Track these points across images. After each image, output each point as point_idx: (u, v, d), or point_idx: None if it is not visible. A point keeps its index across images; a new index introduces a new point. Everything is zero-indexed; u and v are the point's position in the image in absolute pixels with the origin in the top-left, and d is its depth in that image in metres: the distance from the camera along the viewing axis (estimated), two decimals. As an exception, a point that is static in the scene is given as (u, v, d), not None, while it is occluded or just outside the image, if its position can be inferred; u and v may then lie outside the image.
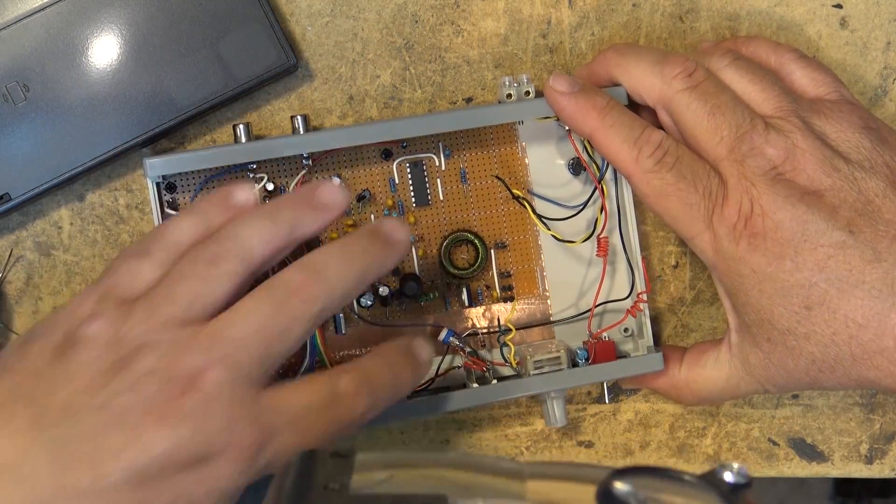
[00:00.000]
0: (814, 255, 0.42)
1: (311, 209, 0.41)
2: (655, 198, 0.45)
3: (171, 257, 0.41)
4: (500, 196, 0.50)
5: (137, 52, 0.47)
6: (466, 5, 0.51)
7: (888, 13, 0.52)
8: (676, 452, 0.53)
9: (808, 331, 0.43)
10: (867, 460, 0.54)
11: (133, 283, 0.40)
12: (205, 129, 0.50)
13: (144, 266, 0.41)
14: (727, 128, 0.44)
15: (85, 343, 0.38)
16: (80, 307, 0.40)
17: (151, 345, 0.38)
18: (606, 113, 0.46)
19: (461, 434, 0.52)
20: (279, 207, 0.41)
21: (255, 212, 0.41)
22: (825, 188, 0.43)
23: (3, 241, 0.49)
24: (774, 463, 0.54)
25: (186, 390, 0.37)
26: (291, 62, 0.48)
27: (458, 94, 0.51)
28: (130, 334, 0.38)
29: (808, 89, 0.47)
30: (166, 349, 0.38)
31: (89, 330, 0.39)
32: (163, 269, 0.40)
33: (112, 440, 0.37)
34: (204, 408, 0.37)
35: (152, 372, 0.37)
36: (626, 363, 0.49)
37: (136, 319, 0.39)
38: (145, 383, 0.37)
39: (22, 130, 0.47)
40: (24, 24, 0.47)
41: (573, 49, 0.51)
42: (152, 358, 0.38)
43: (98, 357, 0.38)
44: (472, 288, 0.50)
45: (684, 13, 0.52)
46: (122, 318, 0.39)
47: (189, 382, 0.37)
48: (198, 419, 0.37)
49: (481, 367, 0.49)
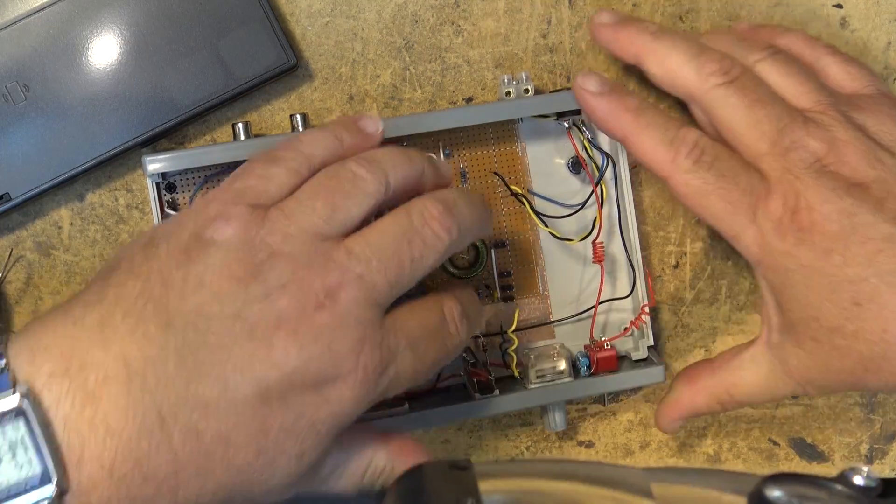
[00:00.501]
0: (863, 249, 0.41)
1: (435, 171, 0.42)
2: (696, 198, 0.44)
3: (305, 167, 0.40)
4: (500, 195, 0.50)
5: (137, 52, 0.47)
6: (466, 5, 0.51)
7: (888, 13, 0.52)
8: (676, 452, 0.53)
9: (857, 328, 0.41)
10: (867, 460, 0.54)
11: (267, 187, 0.39)
12: (205, 129, 0.50)
13: (279, 172, 0.39)
14: (767, 122, 0.43)
15: (218, 246, 0.37)
16: (209, 206, 0.38)
17: (287, 254, 0.37)
18: (640, 114, 0.45)
19: (461, 434, 0.52)
20: (412, 153, 0.42)
21: (392, 148, 0.41)
22: (870, 180, 0.42)
23: (3, 241, 0.49)
24: (774, 463, 0.54)
25: (320, 306, 0.36)
26: (291, 62, 0.48)
27: (458, 94, 0.51)
28: (266, 240, 0.37)
29: (845, 84, 0.47)
30: (303, 261, 0.37)
31: (222, 232, 0.37)
32: (297, 177, 0.39)
33: (243, 352, 0.36)
34: (336, 326, 0.37)
35: (287, 283, 0.36)
36: (627, 375, 0.49)
37: (272, 226, 0.37)
38: (279, 295, 0.36)
39: (22, 130, 0.47)
40: (24, 24, 0.47)
41: (573, 49, 0.51)
42: (288, 269, 0.37)
43: (231, 261, 0.36)
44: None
45: (684, 13, 0.52)
46: (256, 221, 0.37)
47: (324, 298, 0.37)
48: (330, 338, 0.36)
49: (484, 376, 0.48)
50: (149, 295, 0.36)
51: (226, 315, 0.36)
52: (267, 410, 0.36)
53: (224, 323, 0.36)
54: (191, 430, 0.36)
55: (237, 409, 0.36)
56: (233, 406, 0.36)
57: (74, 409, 0.35)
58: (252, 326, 0.36)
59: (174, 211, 0.47)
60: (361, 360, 0.37)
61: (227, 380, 0.36)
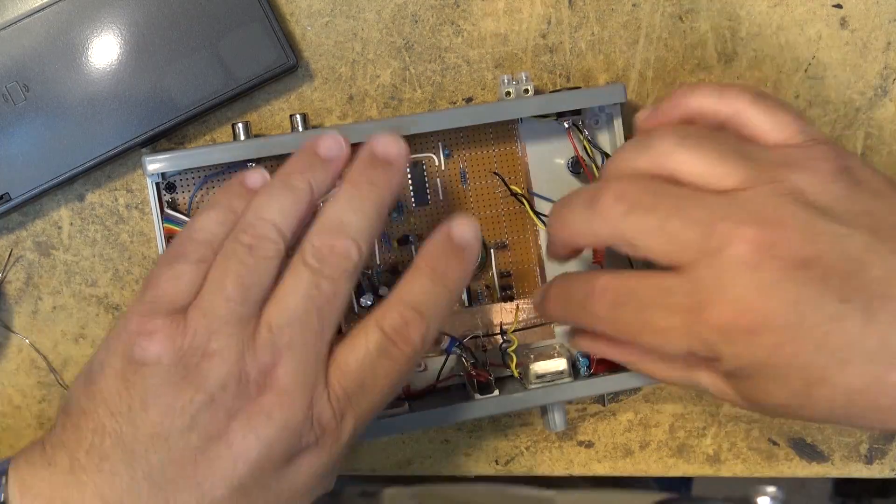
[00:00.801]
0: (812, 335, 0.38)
1: (321, 166, 0.42)
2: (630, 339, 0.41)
3: (209, 253, 0.40)
4: (500, 196, 0.50)
5: (137, 52, 0.47)
6: (466, 5, 0.51)
7: (888, 13, 0.52)
8: (676, 452, 0.53)
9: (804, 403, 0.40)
10: (867, 460, 0.54)
11: (178, 289, 0.40)
12: (205, 129, 0.50)
13: (185, 269, 0.40)
14: (687, 230, 0.39)
15: (149, 366, 0.38)
16: (130, 323, 0.39)
17: (217, 352, 0.38)
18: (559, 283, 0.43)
19: (461, 434, 0.52)
20: (291, 176, 0.41)
21: (270, 187, 0.41)
22: (811, 258, 0.38)
23: (3, 241, 0.49)
24: (774, 463, 0.54)
25: (262, 389, 0.38)
26: (291, 62, 0.48)
27: (458, 94, 0.51)
28: (194, 345, 0.38)
29: (770, 135, 0.42)
30: (233, 353, 0.38)
31: (149, 351, 0.38)
32: (204, 265, 0.40)
33: (207, 457, 0.37)
34: (283, 403, 0.38)
35: (226, 380, 0.38)
36: (627, 375, 0.49)
37: (195, 328, 0.38)
38: (222, 395, 0.38)
39: (22, 130, 0.47)
40: (24, 24, 0.47)
41: (573, 49, 0.51)
42: (223, 367, 0.38)
43: (167, 377, 0.38)
44: (472, 288, 0.50)
45: (684, 13, 0.52)
46: (179, 330, 0.38)
47: (263, 382, 0.38)
48: (281, 415, 0.38)
49: (484, 376, 0.48)
50: (102, 430, 0.38)
51: (180, 430, 0.37)
52: (248, 500, 0.38)
53: (181, 438, 0.37)
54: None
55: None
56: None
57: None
58: (207, 432, 0.37)
59: (174, 211, 0.47)
60: (316, 421, 0.39)
61: (201, 486, 0.37)
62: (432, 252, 0.42)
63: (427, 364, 0.50)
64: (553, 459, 0.53)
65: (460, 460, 0.53)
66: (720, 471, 0.54)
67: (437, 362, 0.50)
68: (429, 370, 0.50)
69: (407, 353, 0.40)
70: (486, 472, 0.53)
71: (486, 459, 0.53)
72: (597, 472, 0.53)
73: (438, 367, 0.49)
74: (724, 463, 0.54)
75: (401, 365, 0.40)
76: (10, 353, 0.50)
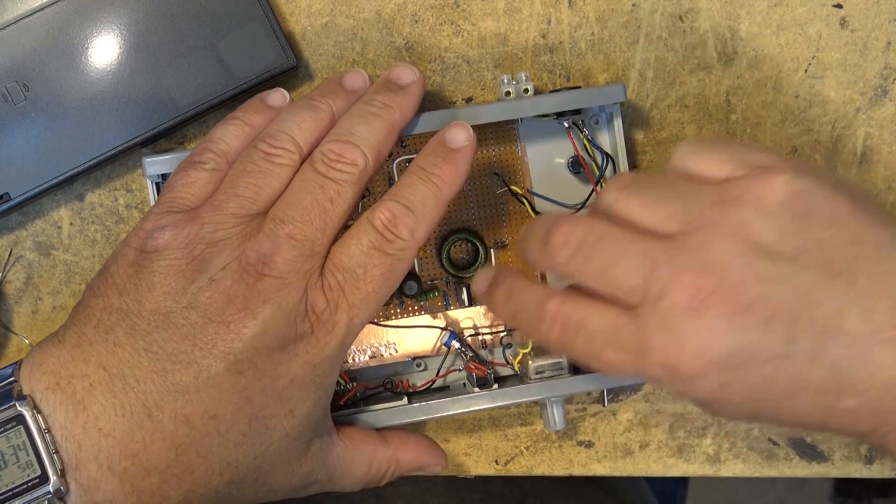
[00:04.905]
0: (758, 376, 0.38)
1: (343, 95, 0.45)
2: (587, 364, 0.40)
3: (223, 163, 0.43)
4: (500, 195, 0.50)
5: (137, 52, 0.47)
6: (466, 5, 0.51)
7: (888, 13, 0.52)
8: (676, 452, 0.53)
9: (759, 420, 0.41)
10: (867, 460, 0.54)
11: (191, 191, 0.43)
12: (205, 129, 0.50)
13: (200, 175, 0.43)
14: (627, 277, 0.38)
15: (159, 252, 0.41)
16: (145, 223, 0.42)
17: (222, 240, 0.41)
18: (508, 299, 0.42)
19: (461, 434, 0.52)
20: (314, 98, 0.44)
21: (294, 106, 0.44)
22: (755, 300, 0.37)
23: (3, 241, 0.49)
24: (774, 463, 0.54)
25: (261, 275, 0.40)
26: (291, 62, 0.48)
27: (457, 94, 0.51)
28: (201, 234, 0.41)
29: (714, 174, 0.40)
30: (237, 241, 0.41)
31: (160, 240, 0.41)
32: (218, 175, 0.43)
33: (205, 335, 0.40)
34: (280, 287, 0.40)
35: (227, 265, 0.40)
36: None
37: (204, 220, 0.41)
38: (223, 277, 0.40)
39: (22, 130, 0.47)
40: (24, 24, 0.47)
41: (573, 49, 0.51)
42: (225, 252, 0.41)
43: (175, 262, 0.41)
44: (472, 288, 0.50)
45: (684, 13, 0.52)
46: (188, 222, 0.41)
47: (262, 267, 0.40)
48: (276, 299, 0.40)
49: (483, 371, 0.49)
50: (110, 307, 0.41)
51: (181, 308, 0.40)
52: (243, 380, 0.40)
53: (181, 315, 0.40)
54: (179, 415, 0.40)
55: (216, 387, 0.40)
56: (210, 384, 0.40)
57: (68, 417, 0.40)
58: (206, 311, 0.40)
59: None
60: (310, 308, 0.41)
61: (198, 363, 0.40)
62: (425, 155, 0.44)
63: (427, 363, 0.50)
64: (553, 459, 0.53)
65: (460, 460, 0.53)
66: (720, 471, 0.54)
67: (436, 360, 0.50)
68: (428, 369, 0.50)
69: (397, 246, 0.42)
70: (486, 472, 0.53)
71: (486, 459, 0.53)
72: (597, 472, 0.53)
73: (438, 364, 0.49)
74: (724, 463, 0.54)
75: (392, 259, 0.42)
76: (10, 353, 0.50)
